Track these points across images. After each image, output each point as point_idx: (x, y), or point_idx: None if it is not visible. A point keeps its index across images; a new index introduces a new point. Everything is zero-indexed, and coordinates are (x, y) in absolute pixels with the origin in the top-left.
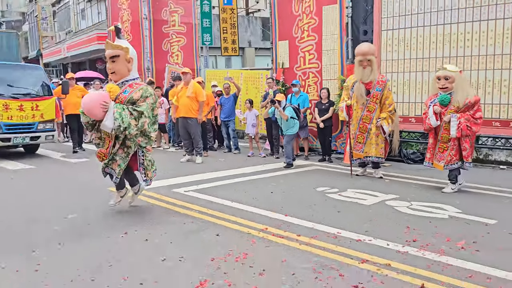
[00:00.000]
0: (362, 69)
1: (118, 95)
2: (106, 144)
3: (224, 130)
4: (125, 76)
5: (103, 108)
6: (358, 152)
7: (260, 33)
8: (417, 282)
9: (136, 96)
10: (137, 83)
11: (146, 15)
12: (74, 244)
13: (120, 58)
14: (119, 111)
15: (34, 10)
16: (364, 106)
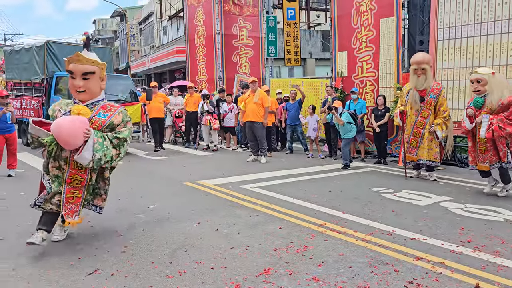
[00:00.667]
0: (417, 77)
1: (91, 118)
2: (63, 176)
3: (289, 133)
4: (96, 96)
5: (85, 137)
6: (411, 155)
7: (320, 45)
8: (471, 282)
9: (116, 121)
10: (111, 105)
11: (218, 31)
12: (156, 230)
13: (95, 75)
14: (101, 141)
15: (124, 29)
16: (418, 112)
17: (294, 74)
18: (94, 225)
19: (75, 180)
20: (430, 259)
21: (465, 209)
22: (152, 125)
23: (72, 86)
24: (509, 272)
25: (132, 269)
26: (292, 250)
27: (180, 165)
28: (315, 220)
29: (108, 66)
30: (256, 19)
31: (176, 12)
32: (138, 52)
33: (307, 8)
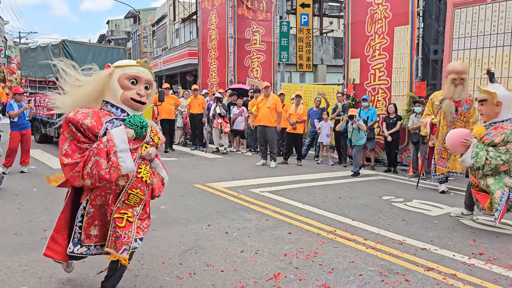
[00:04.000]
0: (454, 87)
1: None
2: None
3: (309, 139)
4: (492, 118)
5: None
6: (441, 168)
7: (332, 51)
8: None
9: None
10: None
11: (231, 34)
12: (166, 231)
13: (488, 102)
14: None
15: (137, 30)
16: (451, 124)
17: (306, 80)
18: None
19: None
20: (442, 270)
21: (476, 221)
22: (163, 126)
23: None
24: None
25: (142, 269)
26: (302, 255)
27: (189, 167)
28: (325, 227)
29: None
30: (269, 24)
31: (189, 15)
32: (150, 54)
33: (320, 14)
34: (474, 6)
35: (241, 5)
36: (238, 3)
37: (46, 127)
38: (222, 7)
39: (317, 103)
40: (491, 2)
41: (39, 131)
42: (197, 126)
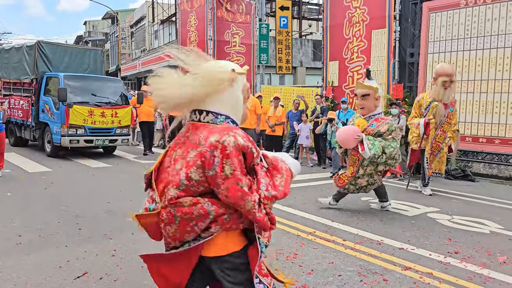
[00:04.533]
0: (444, 89)
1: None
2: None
3: (288, 142)
4: (372, 111)
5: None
6: (429, 170)
7: (311, 53)
8: None
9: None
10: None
11: (211, 36)
12: (145, 234)
13: (370, 96)
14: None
15: (116, 31)
16: (439, 126)
17: (285, 82)
18: (82, 227)
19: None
20: (419, 269)
21: (452, 220)
22: (142, 128)
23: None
24: (495, 284)
25: (121, 273)
26: (282, 257)
27: None
28: (305, 228)
29: (99, 69)
30: (249, 26)
31: (168, 17)
32: (128, 55)
33: (299, 17)
34: (448, 11)
35: (221, 7)
36: (218, 5)
37: (22, 130)
38: (202, 9)
39: (296, 105)
40: (464, 7)
41: (14, 134)
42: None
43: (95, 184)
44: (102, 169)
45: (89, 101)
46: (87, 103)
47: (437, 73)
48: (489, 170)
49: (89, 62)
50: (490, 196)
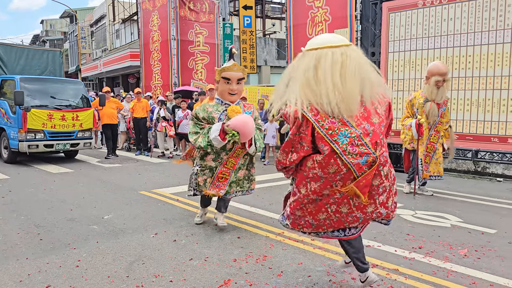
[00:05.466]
0: (437, 89)
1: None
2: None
3: None
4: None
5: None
6: (425, 172)
7: (275, 52)
8: (424, 287)
9: (256, 115)
10: (246, 103)
11: (174, 36)
12: (111, 242)
13: (243, 80)
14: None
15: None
16: (432, 126)
17: (250, 81)
18: (44, 238)
19: (229, 163)
20: (385, 266)
21: (415, 216)
22: (105, 131)
23: (232, 90)
24: (457, 277)
25: (86, 285)
26: (252, 260)
27: (134, 173)
28: (273, 229)
29: (58, 70)
30: (212, 26)
31: (129, 16)
32: (89, 55)
33: (262, 16)
34: (407, 11)
35: (183, 7)
36: (180, 4)
37: None
38: (164, 8)
39: (261, 105)
40: (422, 7)
41: None
42: (141, 130)
43: (56, 191)
44: (63, 175)
45: (48, 104)
46: (45, 106)
47: (430, 72)
48: (448, 164)
49: (47, 63)
50: (450, 190)
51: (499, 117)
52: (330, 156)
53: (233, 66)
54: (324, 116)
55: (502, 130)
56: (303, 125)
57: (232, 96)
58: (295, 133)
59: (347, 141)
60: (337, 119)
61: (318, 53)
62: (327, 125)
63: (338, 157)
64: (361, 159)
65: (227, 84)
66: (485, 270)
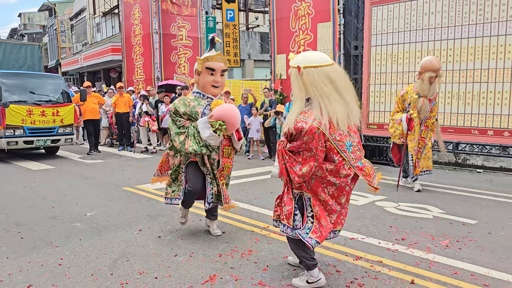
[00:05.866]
0: (430, 85)
1: None
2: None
3: None
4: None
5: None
6: (417, 169)
7: (258, 46)
8: (407, 278)
9: None
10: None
11: (156, 30)
12: (94, 239)
13: (225, 73)
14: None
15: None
16: (423, 121)
17: (234, 75)
18: (25, 236)
19: (226, 167)
20: (369, 258)
21: (398, 208)
22: (87, 127)
23: (216, 82)
24: (439, 267)
25: (69, 283)
26: (237, 254)
27: (117, 169)
28: (258, 223)
29: (37, 64)
30: (195, 19)
31: (110, 9)
32: (69, 49)
33: (245, 9)
34: (389, 4)
35: (165, 0)
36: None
37: None
38: (146, 2)
39: (245, 99)
40: (404, 1)
41: None
42: (124, 126)
43: (37, 188)
44: (44, 172)
45: (27, 99)
46: (25, 102)
47: (424, 67)
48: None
49: (25, 57)
50: (432, 182)
51: (479, 109)
52: (340, 163)
53: (218, 56)
54: (335, 129)
55: (482, 123)
56: (321, 139)
57: (215, 89)
58: (316, 147)
59: (351, 149)
60: (343, 130)
61: (323, 71)
62: (338, 137)
63: (347, 164)
64: (359, 162)
65: (211, 75)
66: (466, 260)
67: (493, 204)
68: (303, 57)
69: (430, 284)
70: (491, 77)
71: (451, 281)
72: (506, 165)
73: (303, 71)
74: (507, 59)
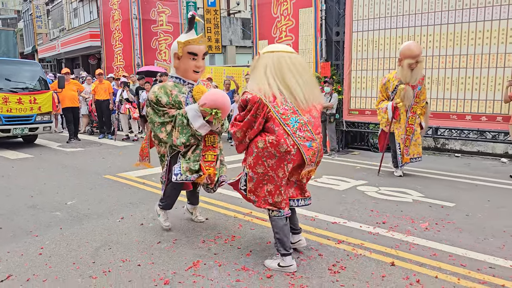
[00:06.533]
0: (411, 71)
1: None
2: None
3: None
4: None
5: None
6: (406, 156)
7: (240, 32)
8: (388, 260)
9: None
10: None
11: (135, 15)
12: (75, 228)
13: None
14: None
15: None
16: (409, 108)
17: (216, 62)
18: (3, 226)
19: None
20: (351, 241)
21: (379, 192)
22: (66, 114)
23: (196, 67)
24: (419, 249)
25: (51, 272)
26: (220, 240)
27: (98, 157)
28: (241, 209)
29: (12, 50)
30: (175, 5)
31: None
32: (46, 35)
33: None
34: None
35: None
36: None
37: None
38: None
39: (227, 86)
40: None
41: None
42: (104, 113)
43: (15, 177)
44: (22, 160)
45: (3, 87)
46: (0, 89)
47: (402, 54)
48: None
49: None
50: (412, 166)
51: (458, 95)
52: (280, 136)
53: (200, 39)
54: (280, 103)
55: (461, 108)
56: (260, 108)
57: (196, 74)
58: (253, 115)
59: (297, 125)
60: (289, 107)
61: (277, 54)
62: (281, 110)
63: (288, 137)
64: (308, 142)
65: (192, 60)
66: (445, 242)
67: (470, 187)
68: (267, 47)
69: (410, 266)
70: (469, 62)
71: (430, 262)
72: (483, 149)
73: (261, 55)
74: (485, 44)
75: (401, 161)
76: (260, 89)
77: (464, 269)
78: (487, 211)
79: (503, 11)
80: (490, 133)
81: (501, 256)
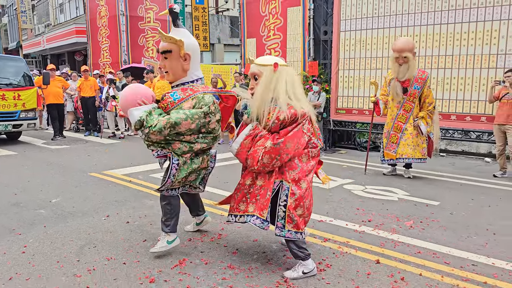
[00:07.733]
0: (398, 66)
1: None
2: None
3: None
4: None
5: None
6: (390, 152)
7: (228, 30)
8: (373, 258)
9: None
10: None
11: (122, 11)
12: (59, 226)
13: (173, 54)
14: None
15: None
16: (401, 105)
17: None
18: None
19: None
20: (337, 239)
21: (365, 191)
22: (51, 111)
23: (160, 66)
24: (404, 247)
25: (34, 271)
26: (207, 238)
27: (83, 155)
28: (228, 207)
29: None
30: (163, 1)
31: None
32: (31, 31)
33: None
34: None
35: None
36: None
37: None
38: None
39: (214, 84)
40: None
41: None
42: (90, 110)
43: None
44: (6, 158)
45: None
46: None
47: (392, 48)
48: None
49: None
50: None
51: (443, 95)
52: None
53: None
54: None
55: (446, 108)
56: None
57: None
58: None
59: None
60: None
61: (289, 69)
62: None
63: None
64: (316, 149)
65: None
66: (429, 240)
67: (454, 186)
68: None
69: (394, 263)
70: (455, 63)
71: (415, 260)
72: (467, 149)
73: (279, 68)
74: (470, 45)
75: (383, 155)
76: (296, 105)
77: (447, 267)
78: (471, 210)
79: (488, 13)
80: (474, 133)
81: (483, 254)
